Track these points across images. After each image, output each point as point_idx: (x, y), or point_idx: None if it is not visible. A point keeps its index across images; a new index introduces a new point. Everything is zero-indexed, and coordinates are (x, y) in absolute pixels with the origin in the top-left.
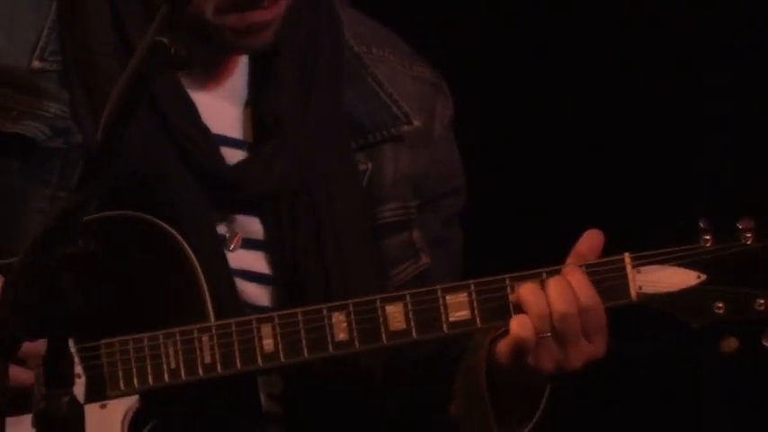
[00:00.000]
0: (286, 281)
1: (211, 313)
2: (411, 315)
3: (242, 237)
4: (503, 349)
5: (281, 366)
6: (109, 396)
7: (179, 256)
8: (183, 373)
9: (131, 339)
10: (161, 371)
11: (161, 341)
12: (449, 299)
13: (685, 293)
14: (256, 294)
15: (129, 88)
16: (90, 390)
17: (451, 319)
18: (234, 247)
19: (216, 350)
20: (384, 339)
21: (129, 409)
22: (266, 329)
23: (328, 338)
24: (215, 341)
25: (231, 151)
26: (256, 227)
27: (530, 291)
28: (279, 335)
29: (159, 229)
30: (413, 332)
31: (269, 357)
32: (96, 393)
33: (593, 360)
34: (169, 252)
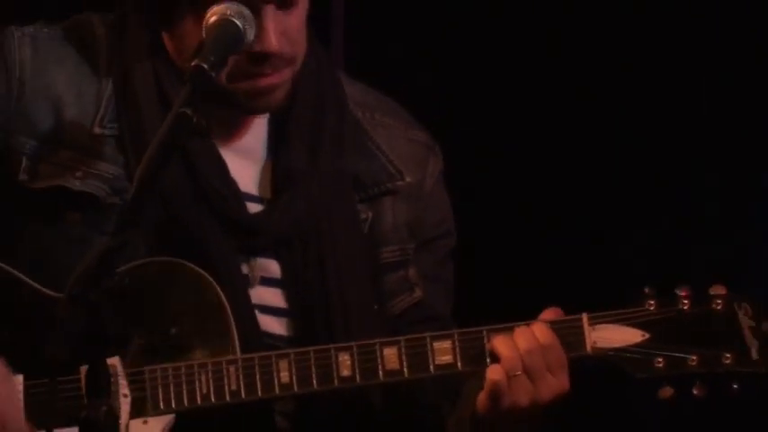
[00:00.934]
0: (298, 313)
1: (237, 346)
2: (404, 357)
3: (261, 275)
4: (482, 398)
5: (295, 395)
6: (150, 414)
7: (209, 294)
8: (213, 398)
9: (171, 367)
10: (194, 395)
11: (195, 370)
12: (435, 345)
13: (631, 349)
14: (273, 325)
15: (159, 151)
16: (135, 407)
17: (437, 363)
18: (254, 285)
19: (241, 380)
20: (381, 376)
21: (167, 426)
22: (283, 364)
23: (334, 374)
24: (240, 372)
25: (251, 205)
26: (274, 267)
27: (501, 340)
28: (294, 369)
29: (192, 272)
30: (405, 372)
31: (285, 387)
32: (140, 411)
33: (560, 395)
34: (202, 291)
